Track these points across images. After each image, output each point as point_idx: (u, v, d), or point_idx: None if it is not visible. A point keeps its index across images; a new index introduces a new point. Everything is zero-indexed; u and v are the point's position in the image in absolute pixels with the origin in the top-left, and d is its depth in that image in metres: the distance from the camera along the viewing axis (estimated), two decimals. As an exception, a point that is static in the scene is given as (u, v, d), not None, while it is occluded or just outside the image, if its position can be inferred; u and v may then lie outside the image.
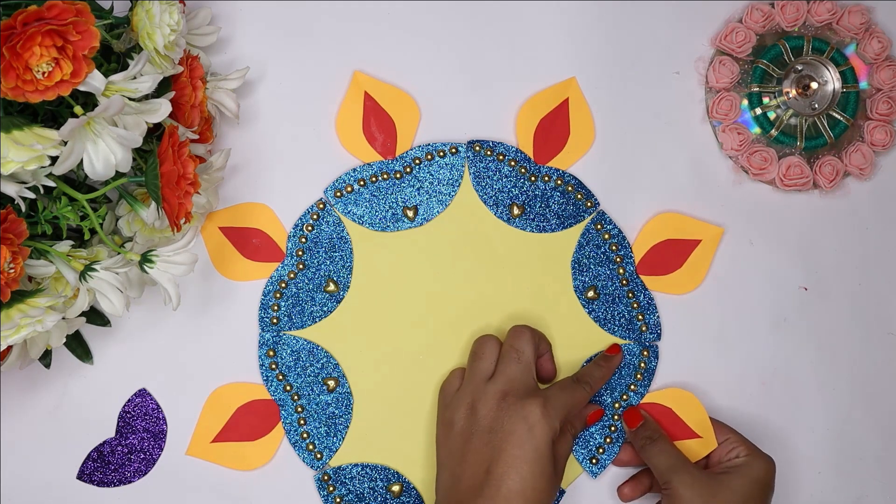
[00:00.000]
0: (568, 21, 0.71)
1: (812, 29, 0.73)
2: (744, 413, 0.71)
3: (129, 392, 0.67)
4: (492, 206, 0.70)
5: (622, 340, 0.70)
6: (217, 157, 0.63)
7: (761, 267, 0.72)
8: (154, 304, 0.67)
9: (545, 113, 0.70)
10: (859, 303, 0.73)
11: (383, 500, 0.68)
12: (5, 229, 0.49)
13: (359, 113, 0.69)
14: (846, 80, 0.73)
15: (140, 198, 0.59)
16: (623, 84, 0.72)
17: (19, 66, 0.47)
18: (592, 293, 0.70)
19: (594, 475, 0.70)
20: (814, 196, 0.73)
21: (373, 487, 0.68)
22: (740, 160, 0.72)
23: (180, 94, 0.58)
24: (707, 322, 0.71)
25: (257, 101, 0.69)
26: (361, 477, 0.68)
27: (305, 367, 0.68)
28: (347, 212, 0.69)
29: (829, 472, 0.72)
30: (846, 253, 0.73)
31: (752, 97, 0.72)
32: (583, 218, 0.70)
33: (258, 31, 0.69)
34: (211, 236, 0.68)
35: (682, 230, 0.71)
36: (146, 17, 0.54)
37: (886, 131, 0.72)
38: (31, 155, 0.48)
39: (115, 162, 0.52)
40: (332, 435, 0.68)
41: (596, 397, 0.70)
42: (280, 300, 0.68)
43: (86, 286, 0.55)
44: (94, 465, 0.67)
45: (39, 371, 0.66)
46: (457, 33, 0.71)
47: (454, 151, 0.70)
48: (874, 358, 0.73)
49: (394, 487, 0.68)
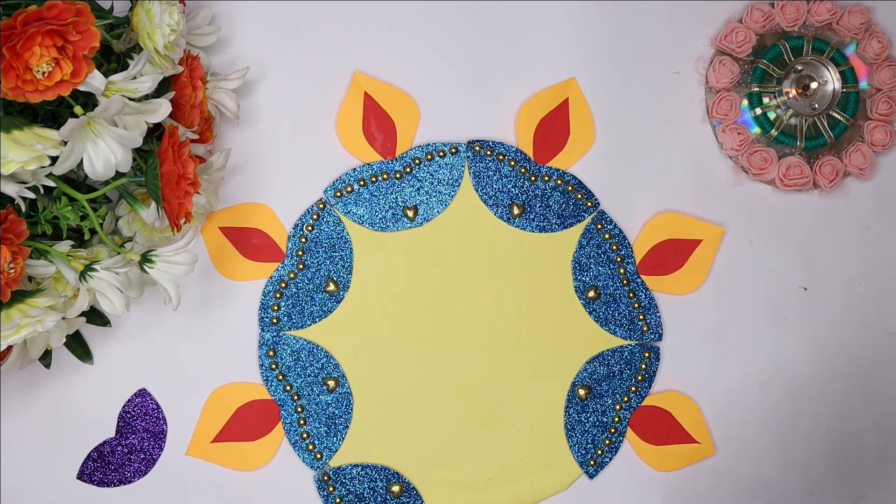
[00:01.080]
0: (568, 21, 0.71)
1: (812, 29, 0.73)
2: (744, 414, 0.71)
3: (129, 392, 0.67)
4: (492, 206, 0.70)
5: (623, 341, 0.70)
6: (217, 157, 0.63)
7: (761, 267, 0.72)
8: (154, 304, 0.67)
9: (545, 113, 0.70)
10: (859, 303, 0.73)
11: (383, 500, 0.68)
12: (5, 229, 0.49)
13: (359, 113, 0.69)
14: (846, 80, 0.72)
15: (140, 198, 0.59)
16: (623, 84, 0.71)
17: (19, 66, 0.47)
18: (593, 293, 0.70)
19: (592, 476, 0.70)
20: (814, 196, 0.73)
21: (373, 487, 0.68)
22: (740, 160, 0.72)
23: (180, 94, 0.58)
24: (707, 322, 0.71)
25: (257, 101, 0.69)
26: (361, 477, 0.68)
27: (305, 367, 0.68)
28: (347, 212, 0.69)
29: (829, 472, 0.72)
30: (846, 253, 0.73)
31: (752, 97, 0.72)
32: (583, 218, 0.70)
33: (258, 31, 0.69)
34: (211, 236, 0.68)
35: (682, 230, 0.71)
36: (146, 17, 0.54)
37: (886, 131, 0.72)
38: (31, 155, 0.48)
39: (115, 162, 0.52)
40: (332, 435, 0.68)
41: (597, 399, 0.70)
42: (280, 300, 0.68)
43: (86, 286, 0.55)
44: (94, 465, 0.67)
45: (39, 371, 0.66)
46: (457, 33, 0.71)
47: (454, 151, 0.70)
48: (874, 358, 0.73)
49: (394, 488, 0.68)
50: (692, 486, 0.70)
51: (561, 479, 0.70)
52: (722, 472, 0.71)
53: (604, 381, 0.70)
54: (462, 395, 0.69)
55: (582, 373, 0.70)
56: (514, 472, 0.70)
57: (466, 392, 0.69)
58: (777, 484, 0.67)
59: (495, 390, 0.70)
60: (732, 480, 0.71)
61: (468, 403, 0.69)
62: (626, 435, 0.70)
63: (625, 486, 0.70)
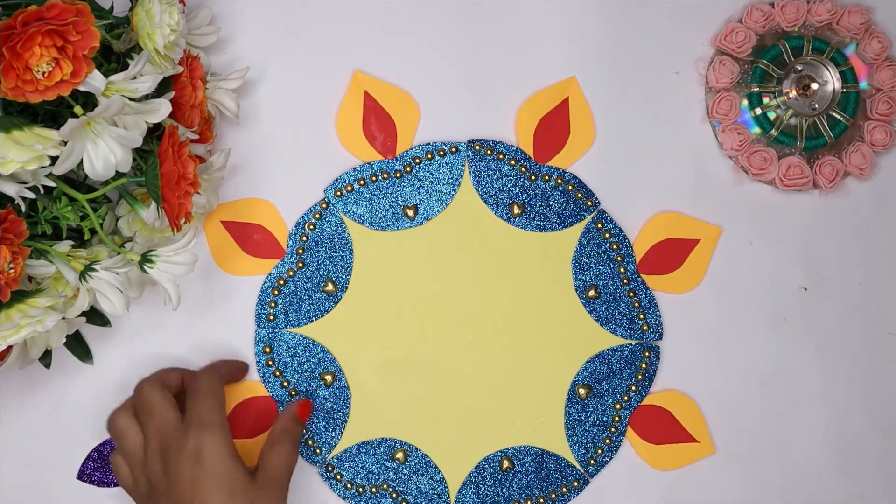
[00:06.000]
0: (568, 21, 0.71)
1: (812, 29, 0.73)
2: (744, 413, 0.71)
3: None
4: (492, 206, 0.70)
5: (623, 340, 0.70)
6: (217, 157, 0.63)
7: (761, 267, 0.72)
8: (154, 304, 0.67)
9: (545, 112, 0.70)
10: (859, 303, 0.73)
11: (394, 470, 0.68)
12: (5, 229, 0.49)
13: (359, 112, 0.69)
14: (846, 80, 0.72)
15: (140, 198, 0.59)
16: (623, 84, 0.71)
17: (19, 66, 0.47)
18: (593, 292, 0.70)
19: (592, 475, 0.70)
20: (814, 196, 0.73)
21: (377, 459, 0.68)
22: (740, 160, 0.72)
23: (180, 94, 0.58)
24: (707, 322, 0.71)
25: (257, 101, 0.69)
26: (363, 454, 0.68)
27: (302, 362, 0.68)
28: (347, 211, 0.69)
29: (829, 472, 0.72)
30: (846, 253, 0.73)
31: (752, 97, 0.72)
32: (583, 217, 0.70)
33: (258, 31, 0.69)
34: (213, 230, 0.68)
35: (681, 230, 0.71)
36: (146, 17, 0.54)
37: (886, 131, 0.72)
38: (31, 155, 0.48)
39: (115, 162, 0.52)
40: (331, 430, 0.68)
41: (597, 398, 0.70)
42: (278, 297, 0.68)
43: (86, 286, 0.55)
44: (94, 465, 0.67)
45: (39, 371, 0.66)
46: (457, 33, 0.71)
47: (454, 151, 0.70)
48: (874, 358, 0.73)
49: (398, 455, 0.68)
50: (692, 485, 0.71)
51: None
52: (722, 472, 0.71)
53: (604, 380, 0.70)
54: (461, 394, 0.69)
55: (582, 372, 0.70)
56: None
57: (466, 391, 0.69)
58: (777, 484, 0.67)
59: (495, 389, 0.70)
60: (732, 480, 0.71)
61: (467, 402, 0.69)
62: (627, 434, 0.70)
63: (625, 486, 0.70)
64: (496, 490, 0.69)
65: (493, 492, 0.69)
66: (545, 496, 0.69)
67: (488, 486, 0.69)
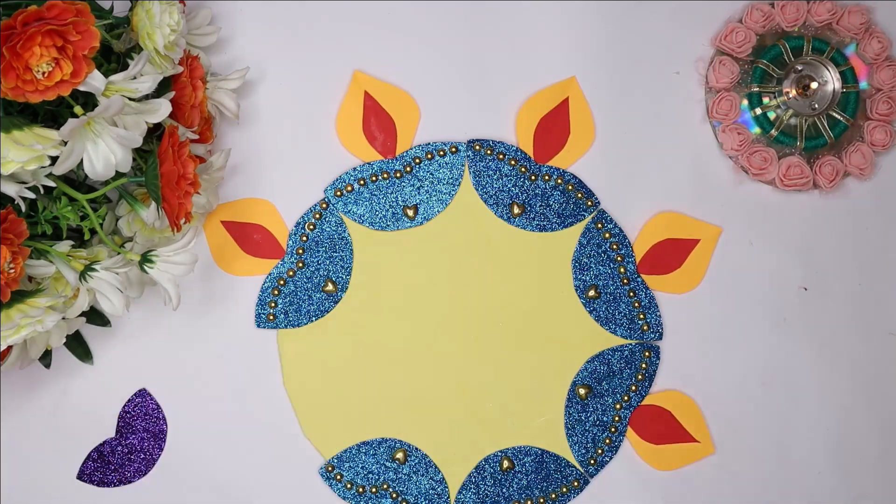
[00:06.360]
0: (568, 21, 0.71)
1: (812, 29, 0.73)
2: (744, 413, 0.71)
3: (129, 392, 0.68)
4: (492, 206, 0.70)
5: (623, 340, 0.70)
6: (217, 157, 0.63)
7: (761, 267, 0.72)
8: (154, 304, 0.67)
9: (545, 112, 0.70)
10: (859, 303, 0.73)
11: (393, 471, 0.68)
12: (5, 229, 0.49)
13: (359, 112, 0.69)
14: (846, 80, 0.72)
15: (140, 198, 0.59)
16: (623, 84, 0.71)
17: (19, 66, 0.47)
18: (593, 292, 0.70)
19: (592, 475, 0.70)
20: (814, 196, 0.73)
21: (377, 460, 0.68)
22: (740, 160, 0.72)
23: (180, 94, 0.58)
24: (707, 322, 0.71)
25: (257, 101, 0.69)
26: (363, 454, 0.68)
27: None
28: (347, 211, 0.69)
29: (829, 472, 0.72)
30: (846, 253, 0.73)
31: (752, 97, 0.72)
32: (583, 217, 0.70)
33: (258, 31, 0.69)
34: (213, 230, 0.68)
35: (681, 230, 0.71)
36: (146, 17, 0.54)
37: (886, 131, 0.72)
38: (31, 155, 0.48)
39: (115, 162, 0.52)
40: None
41: (597, 398, 0.70)
42: (278, 297, 0.68)
43: (86, 286, 0.55)
44: (94, 465, 0.67)
45: (39, 371, 0.66)
46: (457, 33, 0.71)
47: (454, 151, 0.70)
48: (874, 358, 0.73)
49: (398, 455, 0.68)
50: (692, 485, 0.71)
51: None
52: (722, 472, 0.71)
53: (604, 380, 0.70)
54: (462, 395, 0.69)
55: (582, 372, 0.70)
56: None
57: (466, 391, 0.69)
58: (777, 484, 0.67)
59: (495, 389, 0.70)
60: (732, 480, 0.71)
61: (468, 403, 0.69)
62: (627, 434, 0.70)
63: (625, 485, 0.70)
64: (496, 490, 0.69)
65: (493, 492, 0.69)
66: (545, 496, 0.69)
67: (488, 486, 0.69)
